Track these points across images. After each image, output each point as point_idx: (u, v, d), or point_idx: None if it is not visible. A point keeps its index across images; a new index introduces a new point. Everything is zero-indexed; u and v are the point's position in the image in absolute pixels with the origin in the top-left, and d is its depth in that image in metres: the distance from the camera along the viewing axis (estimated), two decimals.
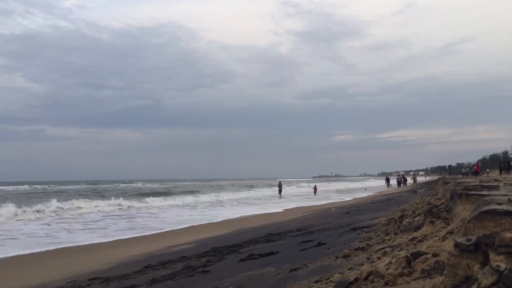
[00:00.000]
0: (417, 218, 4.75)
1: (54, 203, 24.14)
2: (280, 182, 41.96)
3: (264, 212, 20.51)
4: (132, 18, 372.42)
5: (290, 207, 22.82)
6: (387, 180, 51.43)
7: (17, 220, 19.18)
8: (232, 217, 18.14)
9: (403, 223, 4.77)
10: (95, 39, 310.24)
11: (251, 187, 58.23)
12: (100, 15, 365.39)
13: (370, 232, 5.51)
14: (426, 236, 3.18)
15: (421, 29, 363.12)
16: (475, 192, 3.04)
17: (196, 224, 15.72)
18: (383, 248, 3.46)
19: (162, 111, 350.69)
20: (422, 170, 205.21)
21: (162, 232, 13.66)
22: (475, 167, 49.00)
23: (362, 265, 2.93)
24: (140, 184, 72.04)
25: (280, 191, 39.59)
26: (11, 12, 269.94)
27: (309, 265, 3.86)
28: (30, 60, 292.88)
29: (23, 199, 30.12)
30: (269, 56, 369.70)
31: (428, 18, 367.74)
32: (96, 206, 25.49)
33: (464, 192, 3.12)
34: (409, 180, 52.65)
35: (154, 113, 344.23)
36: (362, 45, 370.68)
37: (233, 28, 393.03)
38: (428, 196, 10.57)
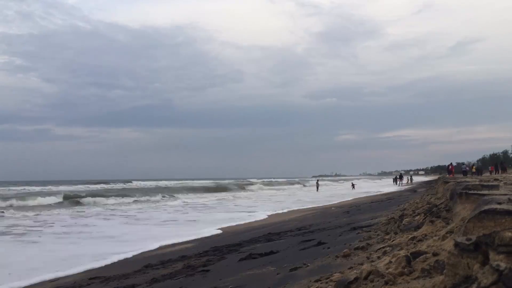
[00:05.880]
0: (417, 218, 4.75)
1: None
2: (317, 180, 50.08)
3: None
4: (149, 20, 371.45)
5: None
6: (395, 180, 54.68)
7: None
8: None
9: (403, 222, 4.77)
10: (112, 39, 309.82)
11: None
12: (117, 16, 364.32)
13: (370, 231, 5.51)
14: (426, 235, 3.18)
15: (436, 28, 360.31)
16: (475, 192, 3.04)
17: None
18: (383, 247, 3.46)
19: (172, 111, 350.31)
20: (422, 170, 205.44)
21: None
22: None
23: (362, 264, 2.93)
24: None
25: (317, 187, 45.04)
26: (31, 13, 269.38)
27: (309, 264, 3.86)
28: (46, 60, 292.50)
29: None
30: (284, 56, 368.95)
31: (443, 17, 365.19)
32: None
33: (464, 191, 3.12)
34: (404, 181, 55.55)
35: (163, 112, 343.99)
36: (378, 45, 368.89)
37: (252, 29, 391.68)
38: (428, 195, 10.58)
